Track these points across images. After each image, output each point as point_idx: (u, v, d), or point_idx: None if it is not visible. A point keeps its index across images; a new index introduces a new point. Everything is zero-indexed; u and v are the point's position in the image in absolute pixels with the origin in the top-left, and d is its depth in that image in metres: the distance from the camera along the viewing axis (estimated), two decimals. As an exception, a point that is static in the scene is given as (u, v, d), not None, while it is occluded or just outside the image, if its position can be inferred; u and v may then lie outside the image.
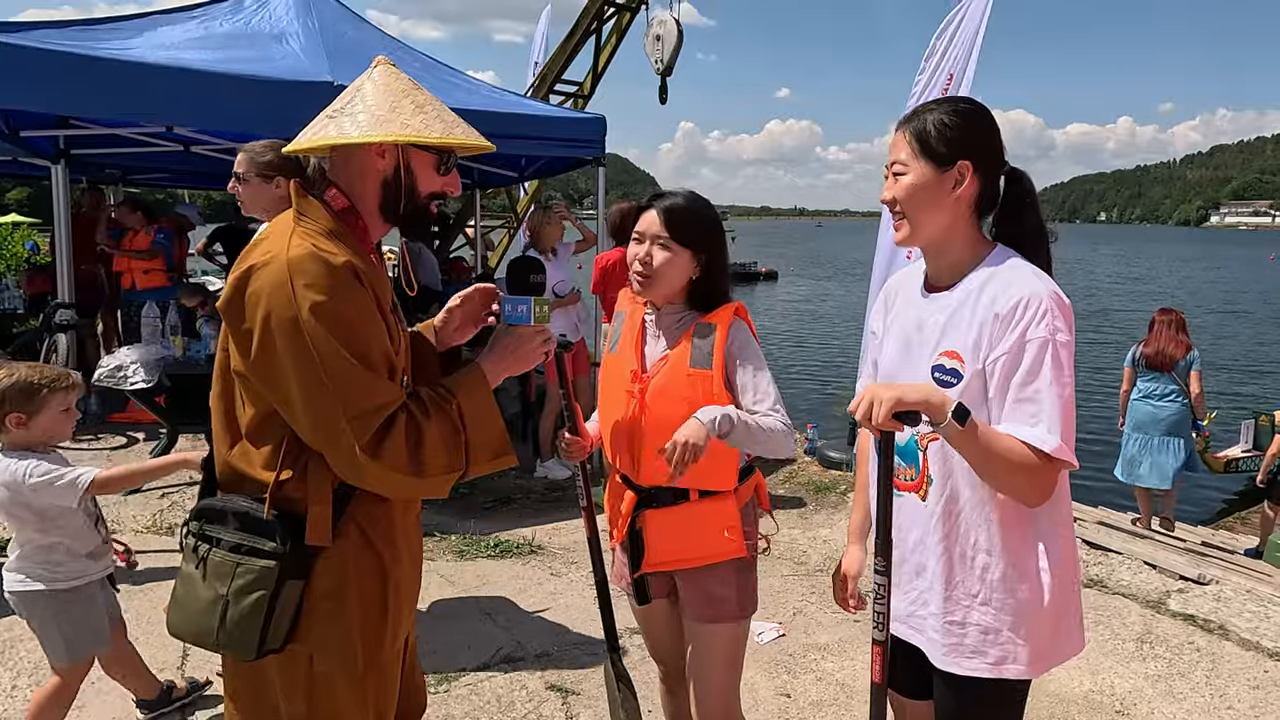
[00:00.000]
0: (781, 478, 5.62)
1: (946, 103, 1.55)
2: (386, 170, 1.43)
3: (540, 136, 5.81)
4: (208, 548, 1.37)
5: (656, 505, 1.92)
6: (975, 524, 1.51)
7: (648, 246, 1.87)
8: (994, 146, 1.53)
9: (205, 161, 7.50)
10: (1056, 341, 1.39)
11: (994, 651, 1.51)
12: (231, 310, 1.33)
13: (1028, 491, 1.43)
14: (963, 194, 1.50)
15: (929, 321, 1.54)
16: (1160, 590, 3.94)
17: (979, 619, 1.52)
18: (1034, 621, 1.50)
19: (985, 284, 1.47)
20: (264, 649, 1.34)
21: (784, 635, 3.43)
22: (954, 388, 1.48)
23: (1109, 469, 6.62)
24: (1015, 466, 1.40)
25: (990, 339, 1.43)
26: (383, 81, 1.43)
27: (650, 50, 9.93)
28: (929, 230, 1.53)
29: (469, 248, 10.55)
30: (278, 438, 1.35)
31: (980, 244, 1.54)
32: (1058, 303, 1.42)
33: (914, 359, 1.57)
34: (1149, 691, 3.10)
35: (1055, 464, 1.40)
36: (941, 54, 4.89)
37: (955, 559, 1.53)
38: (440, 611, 3.51)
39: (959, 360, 1.48)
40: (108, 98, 4.83)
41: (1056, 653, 1.56)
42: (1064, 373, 1.39)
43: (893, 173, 1.55)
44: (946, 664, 1.56)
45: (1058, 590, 1.51)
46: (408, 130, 1.37)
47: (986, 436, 1.42)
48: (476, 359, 1.53)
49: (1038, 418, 1.39)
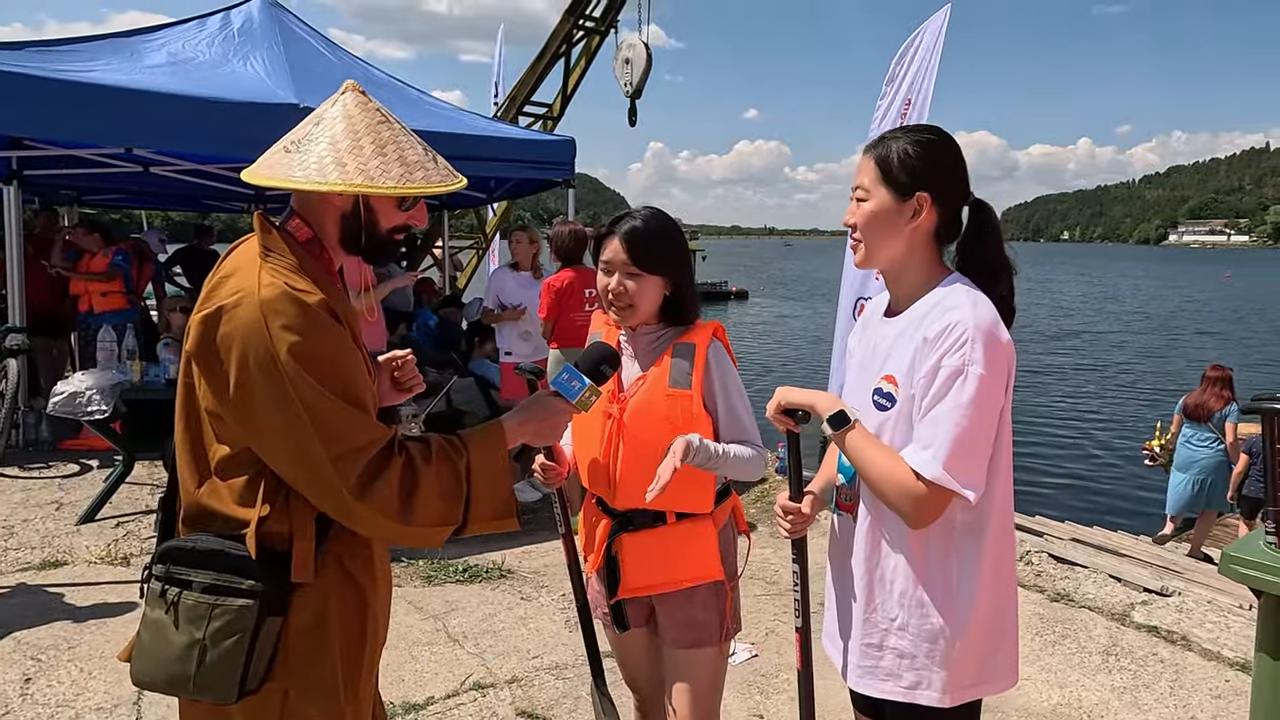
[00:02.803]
0: (753, 497, 5.62)
1: (913, 131, 1.56)
2: (345, 208, 1.39)
3: (510, 159, 5.83)
4: (178, 591, 1.30)
5: (633, 529, 1.89)
6: (898, 547, 1.51)
7: (618, 279, 1.85)
8: (955, 179, 1.54)
9: (165, 182, 7.38)
10: (969, 373, 1.38)
11: (909, 676, 1.51)
12: (202, 353, 1.29)
13: (906, 513, 1.43)
14: (920, 224, 1.51)
15: (879, 345, 1.57)
16: (1125, 603, 4.00)
17: (895, 643, 1.52)
18: (953, 650, 1.48)
19: (929, 310, 1.48)
20: (244, 690, 1.30)
21: (756, 655, 3.42)
22: (888, 411, 1.49)
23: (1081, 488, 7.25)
24: (890, 485, 1.42)
25: (918, 362, 1.44)
26: (348, 113, 1.38)
27: (619, 73, 10.03)
28: (884, 255, 1.54)
29: (437, 269, 10.49)
30: (252, 473, 1.32)
31: (936, 270, 1.54)
32: (984, 335, 1.40)
33: (865, 381, 1.58)
34: (1115, 704, 3.13)
35: (937, 491, 1.39)
36: (900, 79, 5.00)
37: (875, 581, 1.54)
38: (407, 639, 3.44)
39: (894, 384, 1.48)
40: (65, 120, 4.75)
41: (980, 684, 1.53)
42: (969, 404, 1.38)
43: (855, 197, 1.56)
44: (860, 685, 1.57)
45: (983, 621, 1.49)
46: (360, 178, 1.32)
47: (860, 447, 1.46)
48: (501, 418, 1.49)
49: (929, 443, 1.40)
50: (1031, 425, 14.26)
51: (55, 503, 4.99)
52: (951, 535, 1.47)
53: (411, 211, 1.45)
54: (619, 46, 10.09)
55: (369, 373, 1.42)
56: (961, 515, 1.46)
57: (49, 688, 2.96)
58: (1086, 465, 12.51)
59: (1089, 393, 18.40)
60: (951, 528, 1.46)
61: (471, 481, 1.37)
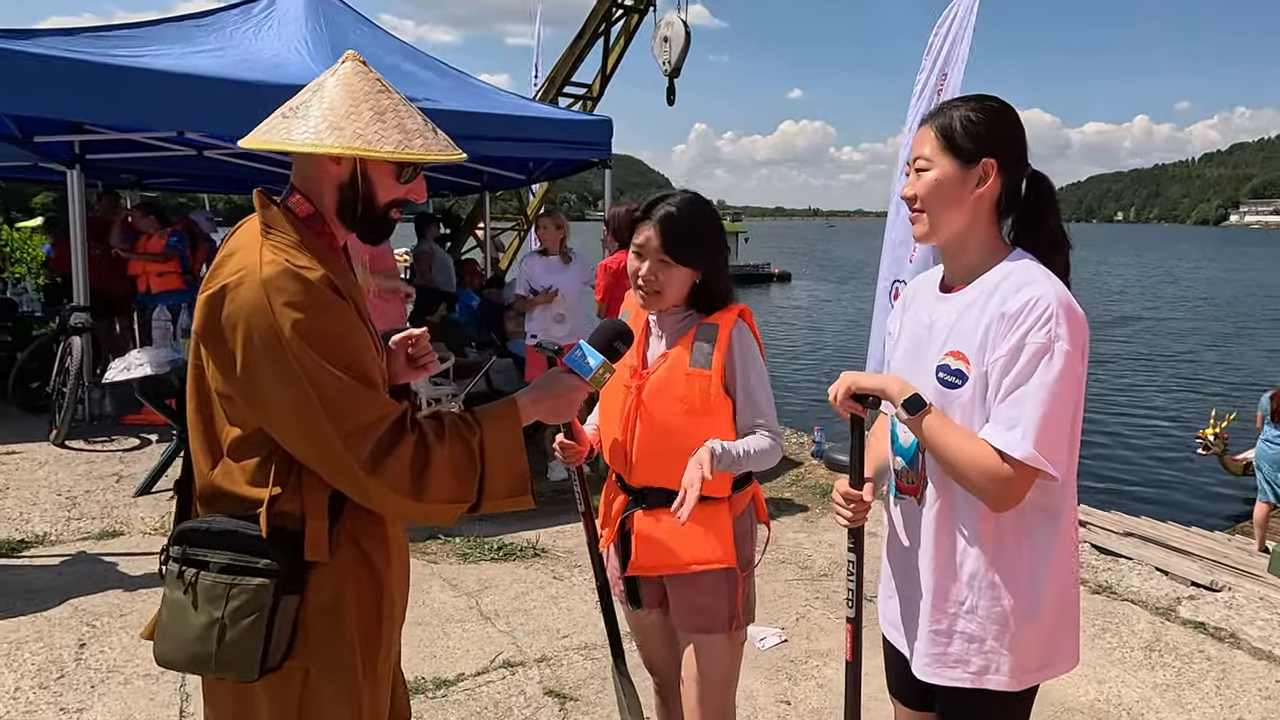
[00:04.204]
0: (787, 481, 5.59)
1: (973, 99, 1.52)
2: (341, 177, 1.38)
3: (546, 139, 5.82)
4: (195, 572, 1.32)
5: (646, 506, 1.89)
6: (968, 529, 1.48)
7: (650, 265, 1.84)
8: (1019, 146, 1.50)
9: (219, 165, 7.57)
10: (1055, 349, 1.35)
11: (976, 660, 1.49)
12: (208, 332, 1.29)
13: (991, 495, 1.40)
14: (985, 193, 1.47)
15: (939, 322, 1.52)
16: (1170, 597, 3.88)
17: (964, 627, 1.50)
18: (1021, 633, 1.47)
19: (998, 285, 1.44)
20: (265, 668, 1.31)
21: (786, 641, 3.41)
22: (958, 389, 1.45)
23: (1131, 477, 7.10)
24: (974, 467, 1.38)
25: (994, 340, 1.40)
26: (347, 81, 1.37)
27: (658, 52, 9.94)
28: (948, 228, 1.50)
29: (479, 250, 10.59)
30: (264, 454, 1.32)
31: (998, 245, 1.51)
32: (1066, 310, 1.37)
33: (922, 359, 1.53)
34: (1157, 701, 3.05)
35: (1025, 471, 1.36)
36: (938, 52, 4.86)
37: (945, 565, 1.51)
38: (441, 615, 3.51)
39: (964, 361, 1.44)
40: (120, 104, 4.89)
41: (1045, 667, 1.52)
42: (1057, 381, 1.35)
43: (915, 168, 1.51)
44: (927, 674, 1.54)
45: (1051, 603, 1.48)
46: (358, 142, 1.31)
47: (938, 431, 1.41)
48: (515, 394, 1.48)
49: (1016, 421, 1.36)
50: (1086, 415, 13.88)
51: (116, 475, 5.20)
52: (1024, 515, 1.44)
53: (410, 185, 1.43)
54: (657, 25, 10.00)
55: (377, 349, 1.41)
56: (1034, 495, 1.42)
57: (101, 653, 3.10)
58: (1141, 456, 12.10)
59: (1146, 383, 17.70)
60: (1022, 508, 1.43)
61: (485, 459, 1.36)
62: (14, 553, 4.04)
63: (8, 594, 3.56)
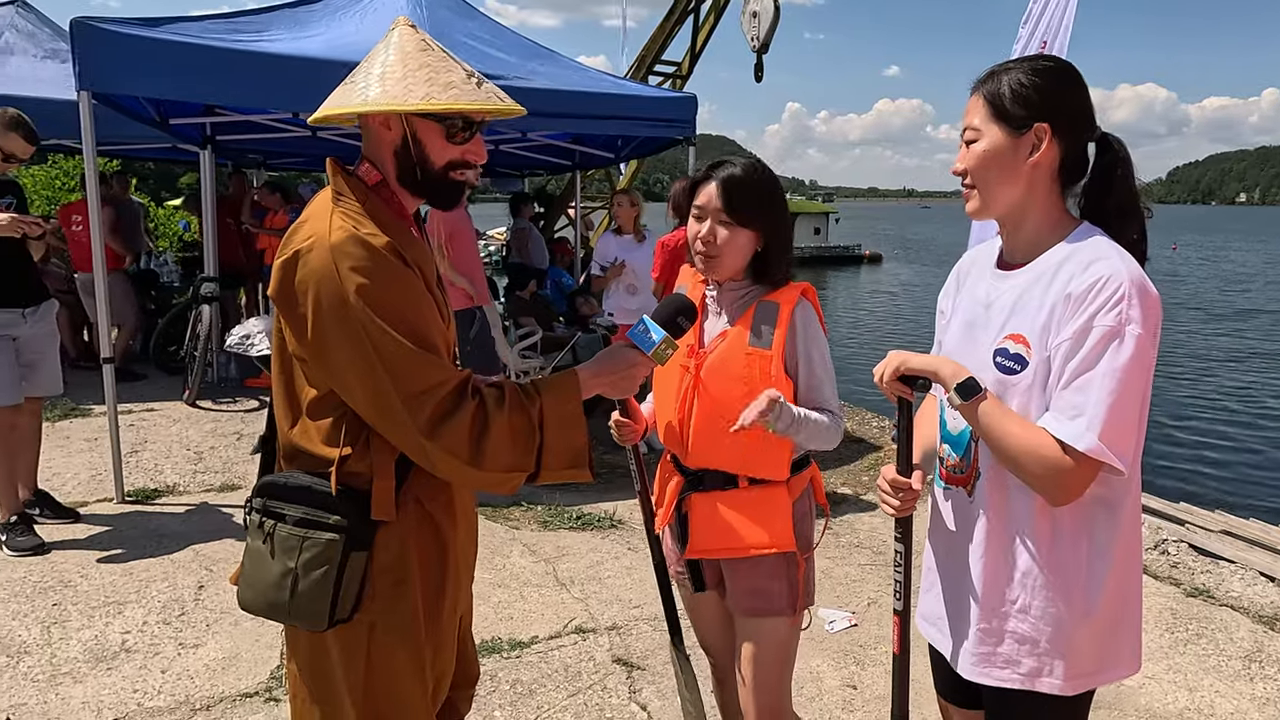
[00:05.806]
0: (865, 465, 5.50)
1: (1025, 61, 1.40)
2: (395, 141, 1.39)
3: (631, 116, 5.82)
4: (273, 523, 1.39)
5: (703, 489, 1.86)
6: (1023, 524, 1.40)
7: (710, 225, 1.78)
8: (1079, 108, 1.38)
9: (333, 146, 7.98)
10: (1126, 334, 1.25)
11: (1028, 662, 1.42)
12: (282, 296, 1.34)
13: (1050, 488, 1.31)
14: (1040, 160, 1.36)
15: (997, 301, 1.42)
16: (1276, 605, 3.63)
17: (1015, 627, 1.42)
18: (1078, 635, 1.39)
19: (1063, 263, 1.33)
20: (334, 619, 1.36)
21: (856, 625, 3.40)
22: (1017, 374, 1.36)
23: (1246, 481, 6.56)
24: (1032, 459, 1.30)
25: (1059, 322, 1.30)
26: (393, 45, 1.38)
27: (746, 28, 9.79)
28: (1002, 202, 1.40)
29: (570, 228, 10.77)
30: (337, 415, 1.37)
31: (1062, 218, 1.40)
32: (1139, 290, 1.26)
33: (977, 341, 1.44)
34: (1255, 716, 2.88)
35: (1088, 465, 1.27)
36: (1037, 18, 4.58)
37: (996, 562, 1.43)
38: (519, 579, 3.68)
39: (1025, 345, 1.35)
40: (243, 86, 5.22)
41: (1102, 671, 1.43)
42: (1127, 368, 1.25)
43: (965, 140, 1.42)
44: (974, 674, 1.48)
45: (1111, 604, 1.40)
46: (384, 99, 1.32)
47: (995, 418, 1.33)
48: (576, 367, 1.49)
49: (1080, 410, 1.27)
50: (1192, 412, 12.83)
51: (237, 434, 5.68)
52: (1083, 509, 1.36)
53: (466, 146, 1.42)
54: (746, 0, 9.83)
55: (443, 317, 1.43)
56: (1095, 489, 1.33)
57: (216, 595, 3.41)
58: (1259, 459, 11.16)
59: (1268, 381, 16.14)
60: (1081, 500, 1.34)
61: (544, 429, 1.37)
62: (148, 500, 4.49)
63: (142, 537, 3.97)
